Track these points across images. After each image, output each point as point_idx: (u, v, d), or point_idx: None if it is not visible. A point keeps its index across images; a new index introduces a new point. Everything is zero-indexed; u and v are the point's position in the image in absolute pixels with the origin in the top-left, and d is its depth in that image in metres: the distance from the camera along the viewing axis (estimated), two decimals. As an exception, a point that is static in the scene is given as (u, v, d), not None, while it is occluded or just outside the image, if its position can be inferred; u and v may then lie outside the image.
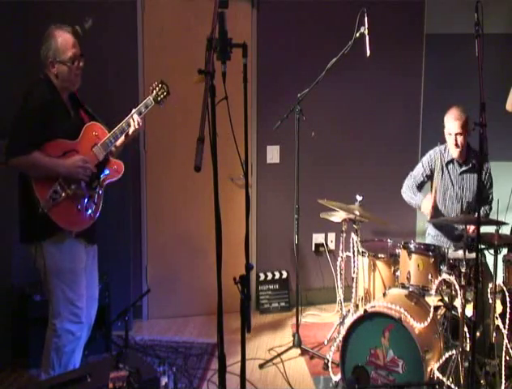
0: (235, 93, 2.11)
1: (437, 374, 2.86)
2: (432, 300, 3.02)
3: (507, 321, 3.04)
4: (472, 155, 3.66)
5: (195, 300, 4.40)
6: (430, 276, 3.08)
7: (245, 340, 2.14)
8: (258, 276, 4.57)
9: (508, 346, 3.01)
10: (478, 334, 3.06)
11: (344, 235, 3.83)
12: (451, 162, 3.69)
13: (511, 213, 3.97)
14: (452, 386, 2.86)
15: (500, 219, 3.14)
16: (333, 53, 3.49)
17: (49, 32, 2.78)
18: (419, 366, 2.79)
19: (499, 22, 4.49)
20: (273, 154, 4.50)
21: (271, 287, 4.58)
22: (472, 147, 3.65)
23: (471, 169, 3.66)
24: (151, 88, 3.07)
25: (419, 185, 3.81)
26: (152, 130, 4.24)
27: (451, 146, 3.62)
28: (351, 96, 4.54)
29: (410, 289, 3.18)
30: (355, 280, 3.59)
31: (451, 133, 3.58)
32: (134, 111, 3.00)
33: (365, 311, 2.98)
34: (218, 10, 1.97)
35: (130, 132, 3.00)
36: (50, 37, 2.77)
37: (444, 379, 2.85)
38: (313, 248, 4.65)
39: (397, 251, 3.40)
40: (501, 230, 3.15)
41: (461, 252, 3.06)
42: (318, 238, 4.64)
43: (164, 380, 2.78)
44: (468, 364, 2.84)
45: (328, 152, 4.55)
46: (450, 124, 3.57)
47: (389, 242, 3.74)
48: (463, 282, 2.96)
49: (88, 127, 2.90)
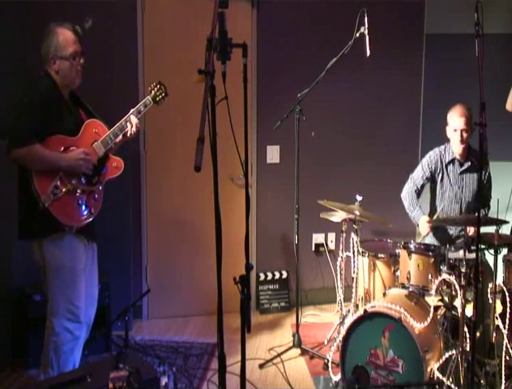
0: (235, 93, 2.11)
1: (437, 374, 2.86)
2: (432, 300, 3.01)
3: (507, 321, 3.04)
4: (472, 154, 3.65)
5: (195, 300, 4.40)
6: (430, 276, 3.08)
7: (245, 340, 2.14)
8: (258, 276, 4.57)
9: (508, 346, 3.01)
10: (478, 334, 3.06)
11: (344, 235, 3.83)
12: (452, 162, 3.68)
13: (511, 213, 3.97)
14: (452, 386, 2.85)
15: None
16: (333, 53, 3.50)
17: (50, 29, 2.79)
18: (419, 366, 2.79)
19: (499, 22, 4.49)
20: (273, 154, 4.50)
21: (271, 287, 4.58)
22: (472, 147, 3.65)
23: (471, 168, 3.66)
24: (150, 88, 3.10)
25: (419, 189, 3.77)
26: (152, 130, 4.24)
27: (456, 142, 3.59)
28: (351, 96, 4.54)
29: (410, 289, 3.18)
30: (355, 280, 3.59)
31: (457, 129, 3.55)
32: (134, 110, 3.02)
33: (365, 311, 2.98)
34: (218, 10, 1.97)
35: (128, 134, 3.00)
36: (51, 34, 2.78)
37: (444, 379, 2.85)
38: (313, 248, 4.65)
39: (397, 251, 3.39)
40: (501, 230, 3.15)
41: (461, 252, 3.06)
42: (318, 238, 4.64)
43: (164, 380, 2.77)
44: (468, 364, 2.85)
45: (328, 152, 4.55)
46: (456, 120, 3.55)
47: (389, 242, 3.74)
48: (463, 282, 2.96)
49: (88, 124, 2.90)
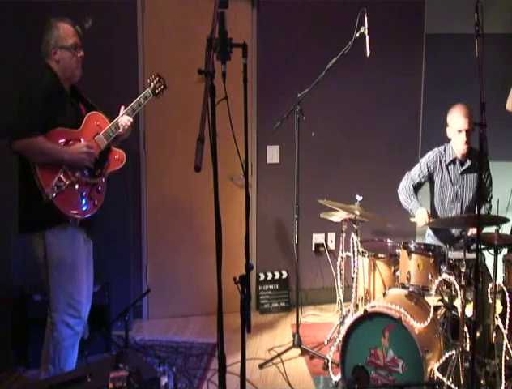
0: (235, 93, 2.11)
1: (437, 374, 2.86)
2: (432, 300, 3.01)
3: (507, 321, 3.04)
4: (473, 154, 3.65)
5: (195, 300, 4.40)
6: (430, 276, 3.08)
7: (245, 340, 2.14)
8: (258, 276, 4.57)
9: (508, 346, 3.01)
10: (478, 334, 3.05)
11: (344, 235, 3.83)
12: (453, 162, 3.67)
13: (511, 213, 3.97)
14: (452, 386, 2.85)
15: (500, 219, 3.14)
16: (333, 53, 3.50)
17: (50, 23, 2.82)
18: (419, 366, 2.78)
19: (499, 22, 4.48)
20: (273, 154, 4.50)
21: (271, 287, 4.58)
22: (473, 147, 3.65)
23: (472, 168, 3.65)
24: (149, 81, 3.10)
25: (415, 186, 3.75)
26: (152, 130, 4.24)
27: (460, 143, 3.56)
28: (351, 96, 4.54)
29: (410, 289, 3.18)
30: (355, 280, 3.59)
31: (461, 129, 3.52)
32: (134, 102, 3.02)
33: (365, 311, 2.98)
34: (218, 10, 1.97)
35: (121, 130, 2.97)
36: (52, 27, 2.81)
37: (444, 379, 2.85)
38: (313, 248, 4.65)
39: (397, 251, 3.39)
40: (501, 230, 3.15)
41: (461, 252, 3.06)
42: (318, 238, 4.64)
43: (164, 380, 2.77)
44: (468, 364, 2.85)
45: (328, 152, 4.55)
46: (460, 121, 3.51)
47: (389, 242, 3.74)
48: (463, 282, 2.96)
49: (90, 117, 2.91)
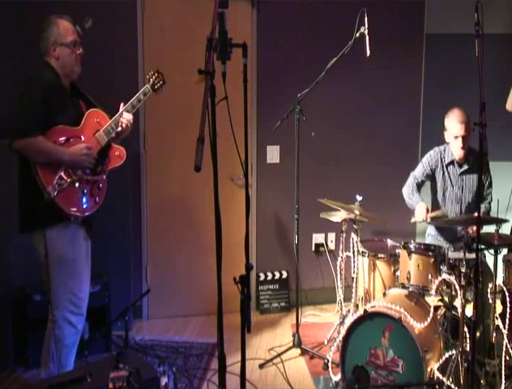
0: (235, 93, 2.11)
1: (437, 374, 2.86)
2: (432, 300, 3.01)
3: (507, 321, 3.04)
4: (473, 154, 3.65)
5: (195, 300, 4.40)
6: (430, 276, 3.08)
7: (245, 340, 2.14)
8: (258, 276, 4.57)
9: (508, 346, 3.01)
10: (478, 334, 3.05)
11: (344, 235, 3.83)
12: (451, 163, 3.68)
13: (511, 213, 3.97)
14: (452, 386, 2.85)
15: (500, 220, 3.14)
16: (333, 53, 3.50)
17: (50, 20, 2.83)
18: (419, 366, 2.78)
19: (499, 22, 4.48)
20: (273, 154, 4.50)
21: (271, 287, 4.58)
22: (472, 147, 3.65)
23: (471, 169, 3.66)
24: (148, 77, 3.09)
25: (419, 184, 3.78)
26: (152, 130, 4.24)
27: (457, 148, 3.58)
28: (351, 96, 4.53)
29: (410, 289, 3.18)
30: (355, 280, 3.59)
31: (457, 135, 3.53)
32: (134, 98, 3.01)
33: (365, 311, 2.98)
34: (218, 10, 1.97)
35: (120, 128, 2.97)
36: (51, 24, 2.82)
37: (444, 379, 2.85)
38: (313, 248, 4.65)
39: (397, 251, 3.39)
40: (501, 230, 3.15)
41: (461, 252, 3.06)
42: (318, 238, 4.64)
43: (164, 380, 2.77)
44: (468, 364, 2.85)
45: (328, 152, 4.55)
46: (456, 126, 3.52)
47: (389, 242, 3.74)
48: (463, 282, 2.96)
49: (90, 114, 2.90)
